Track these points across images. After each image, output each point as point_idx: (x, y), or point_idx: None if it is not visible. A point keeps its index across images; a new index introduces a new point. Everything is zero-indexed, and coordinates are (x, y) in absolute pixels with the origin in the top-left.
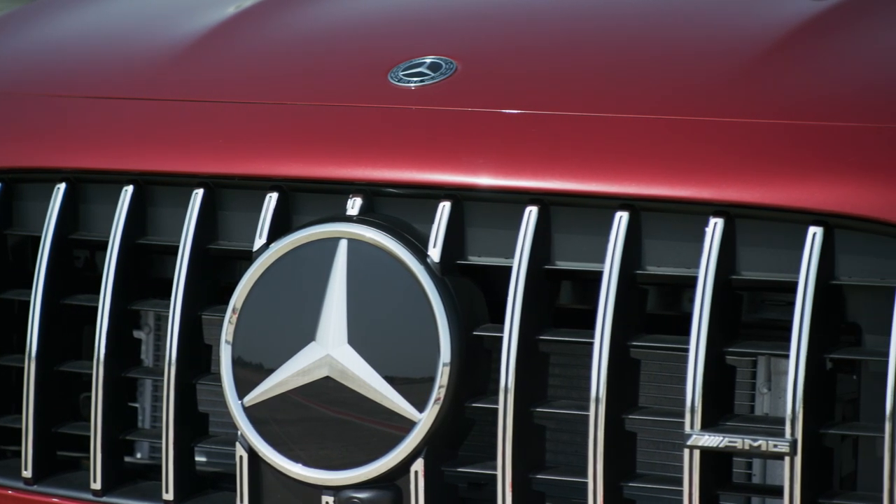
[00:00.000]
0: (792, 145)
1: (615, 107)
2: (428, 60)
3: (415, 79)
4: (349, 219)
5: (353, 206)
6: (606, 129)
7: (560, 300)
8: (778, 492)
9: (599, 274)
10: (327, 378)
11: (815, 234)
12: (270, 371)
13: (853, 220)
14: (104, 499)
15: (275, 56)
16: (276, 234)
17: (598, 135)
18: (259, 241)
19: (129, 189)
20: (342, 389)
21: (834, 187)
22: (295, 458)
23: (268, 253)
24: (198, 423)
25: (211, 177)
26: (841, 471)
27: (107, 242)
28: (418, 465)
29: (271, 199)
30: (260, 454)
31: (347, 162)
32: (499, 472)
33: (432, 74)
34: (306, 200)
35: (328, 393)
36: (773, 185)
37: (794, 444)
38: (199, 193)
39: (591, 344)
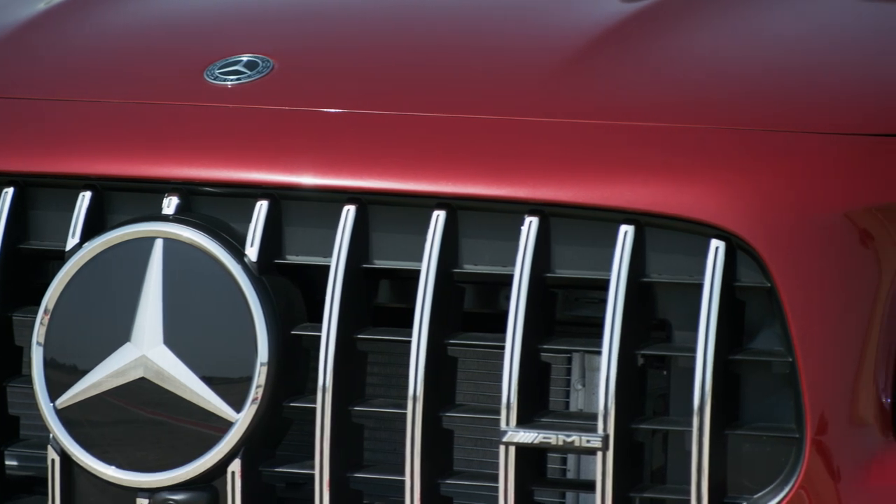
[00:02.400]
0: (603, 145)
1: (433, 106)
2: (244, 58)
3: (231, 77)
4: (165, 218)
5: (169, 205)
6: (424, 128)
7: (379, 299)
8: (591, 486)
9: (417, 272)
10: (143, 379)
11: (626, 232)
12: (84, 373)
13: (663, 219)
14: None
15: (88, 53)
16: (89, 233)
17: (415, 134)
18: (72, 241)
19: None
20: (158, 390)
21: (644, 186)
22: (109, 460)
23: (81, 253)
24: (8, 426)
25: (21, 175)
26: (651, 465)
27: None
28: (235, 466)
29: (84, 197)
30: (73, 457)
31: (162, 160)
32: (316, 472)
33: (249, 73)
34: (121, 199)
35: (144, 394)
36: (585, 185)
37: (606, 439)
38: (9, 192)
39: (409, 342)
